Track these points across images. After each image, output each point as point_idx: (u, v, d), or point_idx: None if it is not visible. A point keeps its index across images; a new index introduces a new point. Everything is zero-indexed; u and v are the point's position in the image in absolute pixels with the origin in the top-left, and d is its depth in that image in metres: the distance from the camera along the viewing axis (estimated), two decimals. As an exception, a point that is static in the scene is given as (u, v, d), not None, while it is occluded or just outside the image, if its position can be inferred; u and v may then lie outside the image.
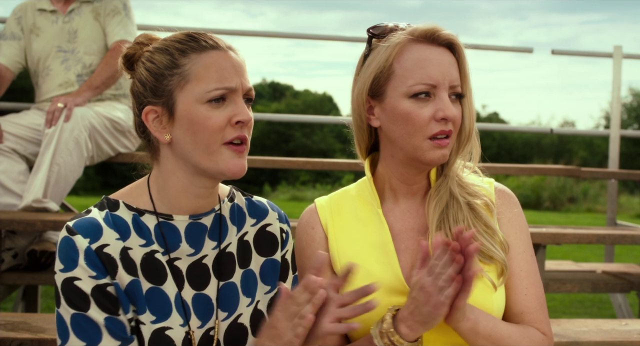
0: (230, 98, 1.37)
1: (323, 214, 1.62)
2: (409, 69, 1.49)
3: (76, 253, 1.34)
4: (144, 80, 1.40)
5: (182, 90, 1.36)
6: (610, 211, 4.51)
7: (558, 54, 4.99)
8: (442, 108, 1.47)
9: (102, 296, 1.34)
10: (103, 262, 1.35)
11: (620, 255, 8.27)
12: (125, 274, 1.37)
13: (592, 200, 19.23)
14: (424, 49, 1.50)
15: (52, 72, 3.47)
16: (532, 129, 14.12)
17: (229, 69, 1.37)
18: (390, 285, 1.51)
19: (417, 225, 1.58)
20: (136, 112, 1.43)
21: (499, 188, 1.62)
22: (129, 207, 1.42)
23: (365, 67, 1.54)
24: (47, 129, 3.11)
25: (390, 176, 1.59)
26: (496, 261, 1.51)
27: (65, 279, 1.34)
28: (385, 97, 1.52)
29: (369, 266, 1.54)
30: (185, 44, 1.38)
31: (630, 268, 3.74)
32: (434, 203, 1.55)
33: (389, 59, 1.50)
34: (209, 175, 1.40)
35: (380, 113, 1.54)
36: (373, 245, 1.56)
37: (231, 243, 1.49)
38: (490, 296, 1.49)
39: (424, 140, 1.49)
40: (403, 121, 1.49)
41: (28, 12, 3.53)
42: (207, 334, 1.43)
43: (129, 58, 1.44)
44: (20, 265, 3.02)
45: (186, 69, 1.36)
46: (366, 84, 1.53)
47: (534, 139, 27.01)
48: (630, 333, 2.34)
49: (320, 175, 22.37)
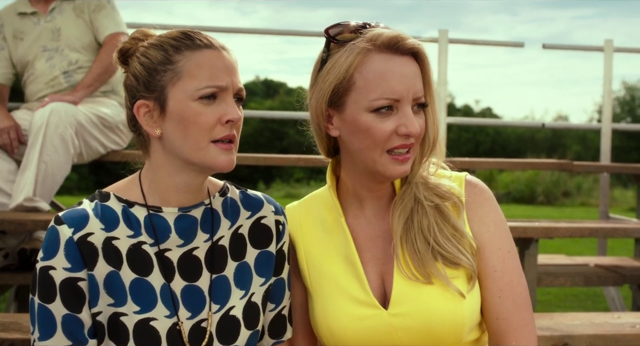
0: (221, 97, 1.39)
1: (292, 224, 1.60)
2: (371, 81, 1.41)
3: (58, 243, 1.37)
4: (137, 74, 1.41)
5: (174, 86, 1.38)
6: (602, 204, 4.53)
7: (549, 48, 5.00)
8: (405, 123, 1.41)
9: (70, 291, 1.36)
10: (82, 253, 1.37)
11: (613, 248, 8.29)
12: (106, 265, 1.39)
13: (586, 194, 19.28)
14: (387, 60, 1.41)
15: (37, 72, 3.46)
16: (524, 124, 14.16)
17: (221, 68, 1.39)
18: (357, 296, 1.49)
19: (383, 233, 1.53)
20: (128, 106, 1.45)
21: (471, 183, 1.54)
22: (119, 199, 1.44)
23: (324, 74, 1.45)
24: (32, 128, 3.10)
25: (354, 182, 1.53)
26: (464, 267, 1.46)
27: (42, 267, 1.37)
28: (345, 108, 1.45)
29: (337, 278, 1.52)
30: (179, 41, 1.40)
31: (623, 261, 3.75)
32: (397, 212, 1.49)
33: (349, 69, 1.42)
34: (198, 169, 1.42)
35: (339, 123, 1.47)
36: (339, 255, 1.54)
37: (224, 236, 1.50)
38: (459, 304, 1.43)
39: (382, 154, 1.43)
40: (363, 135, 1.43)
41: (8, 19, 3.51)
42: (198, 326, 1.43)
43: (124, 52, 1.45)
44: (12, 265, 3.01)
45: (179, 65, 1.38)
46: (325, 93, 1.45)
47: (528, 134, 27.05)
48: (623, 326, 2.34)
49: (314, 172, 22.31)
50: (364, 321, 1.47)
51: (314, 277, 1.55)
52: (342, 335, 1.48)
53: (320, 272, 1.54)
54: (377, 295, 1.49)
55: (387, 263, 1.51)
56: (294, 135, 25.01)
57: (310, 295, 1.57)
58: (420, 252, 1.46)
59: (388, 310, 1.46)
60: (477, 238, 1.50)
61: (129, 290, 1.39)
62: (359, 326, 1.47)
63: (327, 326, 1.50)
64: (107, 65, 3.41)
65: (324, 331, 1.51)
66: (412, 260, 1.46)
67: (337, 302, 1.50)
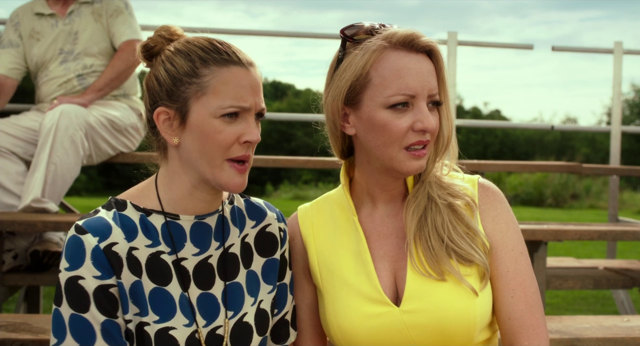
0: (243, 116, 1.39)
1: (304, 224, 1.61)
2: (387, 78, 1.43)
3: (83, 252, 1.35)
4: (161, 80, 1.41)
5: (197, 101, 1.38)
6: (611, 207, 4.51)
7: (558, 51, 4.99)
8: (421, 119, 1.43)
9: (104, 298, 1.35)
10: (110, 261, 1.36)
11: (622, 251, 8.26)
12: (130, 274, 1.38)
13: (594, 196, 19.20)
14: (402, 57, 1.44)
15: (51, 74, 3.48)
16: (533, 126, 14.07)
17: (246, 88, 1.39)
18: (368, 294, 1.49)
19: (396, 231, 1.55)
20: (148, 108, 1.45)
21: (484, 185, 1.57)
22: (137, 207, 1.43)
23: (340, 73, 1.48)
24: (42, 130, 3.11)
25: (367, 182, 1.55)
26: (477, 265, 1.47)
27: (69, 278, 1.35)
28: (361, 105, 1.47)
29: (348, 276, 1.52)
30: (208, 53, 1.39)
31: (632, 264, 3.73)
32: (411, 209, 1.51)
33: (365, 66, 1.45)
34: (210, 185, 1.42)
35: (355, 121, 1.49)
36: (351, 254, 1.55)
37: (234, 244, 1.51)
38: (471, 302, 1.44)
39: (399, 151, 1.45)
40: (380, 131, 1.45)
41: (25, 18, 3.52)
42: (213, 333, 1.44)
43: (149, 49, 1.45)
44: (21, 266, 3.03)
45: (205, 80, 1.37)
46: (341, 91, 1.47)
47: (536, 136, 26.97)
48: (632, 329, 2.33)
49: (323, 173, 22.35)
50: (375, 319, 1.47)
51: (325, 276, 1.56)
52: (353, 333, 1.48)
53: (331, 271, 1.55)
54: (389, 292, 1.49)
55: (400, 260, 1.52)
56: (302, 136, 25.03)
57: (321, 295, 1.57)
58: (435, 249, 1.47)
59: (400, 307, 1.47)
60: (489, 239, 1.52)
61: (148, 299, 1.39)
62: (370, 324, 1.47)
63: (337, 325, 1.50)
64: (120, 71, 3.43)
65: (335, 330, 1.51)
66: (426, 256, 1.47)
67: (347, 301, 1.50)
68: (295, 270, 1.61)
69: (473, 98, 68.60)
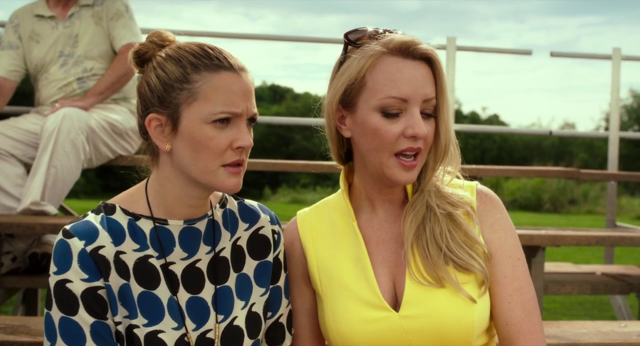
0: (234, 121, 1.39)
1: (303, 229, 1.61)
2: (380, 81, 1.45)
3: (70, 256, 1.36)
4: (152, 86, 1.41)
5: (189, 107, 1.37)
6: (609, 213, 4.52)
7: (557, 56, 5.00)
8: (412, 125, 1.43)
9: (92, 300, 1.36)
10: (97, 264, 1.36)
11: (620, 256, 8.27)
12: (118, 277, 1.39)
13: (592, 202, 19.21)
14: (397, 62, 1.45)
15: (51, 76, 3.47)
16: (531, 131, 14.10)
17: (237, 93, 1.38)
18: (367, 299, 1.49)
19: (395, 236, 1.55)
20: (140, 113, 1.45)
21: (482, 192, 1.58)
22: (125, 212, 1.44)
23: (339, 75, 1.50)
24: (43, 133, 3.11)
25: (366, 186, 1.56)
26: (475, 272, 1.47)
27: (57, 281, 1.36)
28: (356, 108, 1.48)
29: (347, 281, 1.53)
30: (199, 59, 1.39)
31: (630, 270, 3.74)
32: (409, 218, 1.51)
33: (361, 70, 1.46)
34: (204, 187, 1.42)
35: (351, 124, 1.51)
36: (350, 259, 1.55)
37: (225, 248, 1.51)
38: (469, 308, 1.45)
39: (390, 157, 1.46)
40: (371, 135, 1.46)
41: (25, 19, 3.52)
42: (204, 336, 1.44)
43: (141, 55, 1.45)
44: (19, 268, 3.03)
45: (196, 86, 1.37)
46: (338, 92, 1.49)
47: (535, 141, 26.99)
48: (630, 334, 2.34)
49: (321, 177, 22.36)
50: (374, 324, 1.47)
51: (324, 281, 1.56)
52: (352, 338, 1.48)
53: (330, 276, 1.55)
54: (388, 297, 1.50)
55: (399, 265, 1.52)
56: (300, 140, 25.04)
57: (320, 300, 1.57)
58: (432, 257, 1.47)
59: (399, 312, 1.47)
60: (487, 245, 1.52)
61: (137, 302, 1.40)
62: (369, 329, 1.47)
63: (336, 329, 1.50)
64: (121, 75, 3.43)
65: (334, 335, 1.51)
66: (424, 264, 1.48)
67: (347, 305, 1.50)
68: (294, 275, 1.61)
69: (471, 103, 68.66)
